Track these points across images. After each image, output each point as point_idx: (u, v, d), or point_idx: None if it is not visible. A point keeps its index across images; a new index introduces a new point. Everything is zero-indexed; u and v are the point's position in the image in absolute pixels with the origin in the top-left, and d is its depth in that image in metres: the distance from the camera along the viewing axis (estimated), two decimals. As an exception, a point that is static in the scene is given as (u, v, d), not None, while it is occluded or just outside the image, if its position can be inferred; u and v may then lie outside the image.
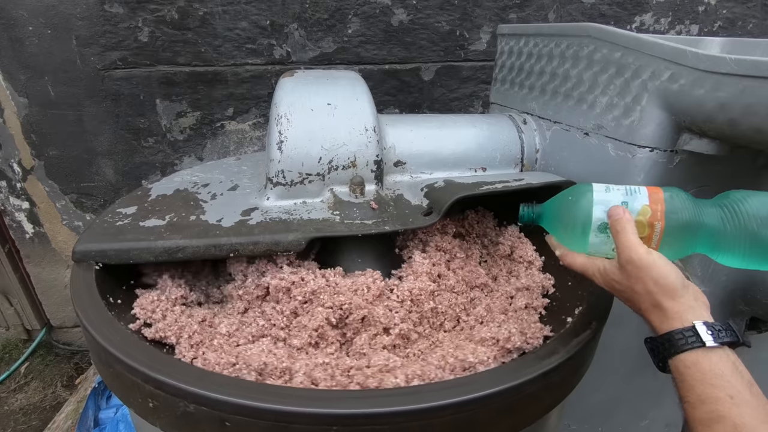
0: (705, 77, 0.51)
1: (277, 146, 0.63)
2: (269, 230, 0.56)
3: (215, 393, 0.38)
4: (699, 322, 0.37)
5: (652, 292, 0.39)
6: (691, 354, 0.36)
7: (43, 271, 1.40)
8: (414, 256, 0.61)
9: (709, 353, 0.36)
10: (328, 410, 0.37)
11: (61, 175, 1.25)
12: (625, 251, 0.41)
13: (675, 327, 0.38)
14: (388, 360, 0.47)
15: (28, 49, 1.11)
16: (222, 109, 1.21)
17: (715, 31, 1.32)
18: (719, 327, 0.37)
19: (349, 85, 0.70)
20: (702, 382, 0.35)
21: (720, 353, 0.36)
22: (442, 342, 0.54)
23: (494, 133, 0.76)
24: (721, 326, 0.37)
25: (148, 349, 0.44)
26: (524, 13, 1.21)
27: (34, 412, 1.31)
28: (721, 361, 0.35)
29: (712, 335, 0.36)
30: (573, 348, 0.45)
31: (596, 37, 0.64)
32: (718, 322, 0.37)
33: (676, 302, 0.39)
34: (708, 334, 0.36)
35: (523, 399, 0.42)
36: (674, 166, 0.61)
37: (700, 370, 0.35)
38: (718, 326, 0.37)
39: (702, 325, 0.37)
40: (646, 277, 0.40)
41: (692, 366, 0.36)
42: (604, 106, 0.65)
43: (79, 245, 0.52)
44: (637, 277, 0.40)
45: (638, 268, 0.40)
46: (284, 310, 0.53)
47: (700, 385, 0.35)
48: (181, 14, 1.10)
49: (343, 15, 1.15)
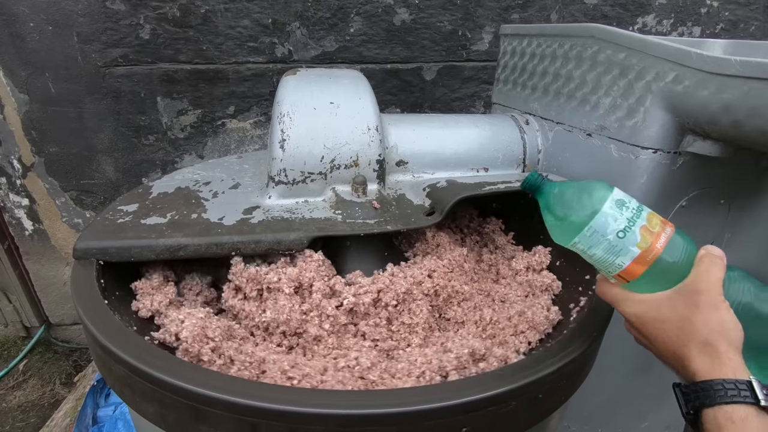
0: (709, 79, 0.51)
1: (279, 145, 0.62)
2: (271, 229, 0.56)
3: (218, 393, 0.37)
4: (755, 379, 0.34)
5: (714, 331, 0.36)
6: (741, 408, 0.34)
7: (43, 269, 1.39)
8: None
9: (760, 414, 0.34)
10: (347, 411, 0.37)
11: (61, 172, 1.25)
12: (707, 280, 0.38)
13: (728, 376, 0.35)
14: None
15: (29, 46, 1.10)
16: (223, 107, 1.21)
17: (717, 33, 1.32)
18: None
19: (352, 84, 0.69)
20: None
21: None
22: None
23: (496, 134, 0.76)
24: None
25: (151, 348, 0.44)
26: (527, 13, 1.21)
27: (33, 410, 1.30)
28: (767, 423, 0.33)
29: (765, 395, 0.34)
30: (575, 351, 0.45)
31: (600, 38, 0.64)
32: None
33: (735, 352, 0.36)
34: (763, 393, 0.34)
35: (524, 401, 0.42)
36: (677, 167, 0.61)
37: (746, 428, 0.33)
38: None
39: (758, 383, 0.34)
40: (714, 315, 0.37)
41: (738, 422, 0.34)
42: (607, 107, 0.64)
43: (81, 242, 0.52)
44: (705, 311, 0.37)
45: (710, 303, 0.37)
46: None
47: None
48: (183, 12, 1.10)
49: (345, 14, 1.14)
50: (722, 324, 0.36)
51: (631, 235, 0.41)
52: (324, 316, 0.52)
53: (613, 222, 0.42)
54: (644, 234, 0.41)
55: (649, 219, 0.42)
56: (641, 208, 0.43)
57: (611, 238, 0.42)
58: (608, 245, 0.42)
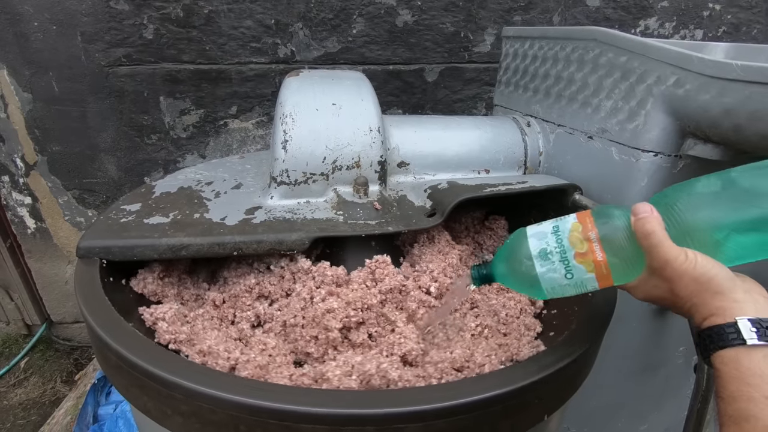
0: (711, 83, 0.51)
1: (281, 145, 0.63)
2: (273, 229, 0.56)
3: (221, 392, 0.38)
4: (743, 318, 0.35)
5: (694, 292, 0.37)
6: (730, 351, 0.34)
7: (44, 267, 1.40)
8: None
9: (751, 352, 0.34)
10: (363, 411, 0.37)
11: (64, 171, 1.26)
12: (658, 256, 0.38)
13: (716, 323, 0.36)
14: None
15: (33, 45, 1.11)
16: (225, 107, 1.21)
17: (719, 36, 1.32)
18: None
19: (354, 86, 0.70)
20: (738, 380, 0.34)
21: (766, 352, 0.33)
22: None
23: (498, 136, 0.76)
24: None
25: (154, 346, 0.44)
26: (529, 15, 1.21)
27: (34, 407, 1.31)
28: (765, 360, 0.33)
29: (758, 333, 0.34)
30: (575, 353, 0.45)
31: (602, 41, 0.64)
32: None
33: (721, 297, 0.36)
34: (752, 332, 0.34)
35: (523, 403, 0.42)
36: (678, 170, 0.61)
37: (738, 368, 0.34)
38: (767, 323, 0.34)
39: (746, 321, 0.34)
40: (685, 277, 0.37)
41: (730, 363, 0.34)
42: (608, 109, 0.65)
43: (84, 241, 0.52)
44: (677, 279, 0.38)
45: (677, 271, 0.38)
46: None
47: (736, 382, 0.34)
48: (187, 12, 1.10)
49: (347, 15, 1.15)
50: (697, 281, 0.37)
51: (575, 270, 0.41)
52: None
53: (554, 273, 0.42)
54: (581, 261, 0.41)
55: (573, 243, 0.41)
56: (560, 238, 0.42)
57: (566, 282, 0.42)
58: (570, 287, 0.43)
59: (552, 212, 0.68)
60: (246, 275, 0.58)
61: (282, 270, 0.57)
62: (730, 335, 0.35)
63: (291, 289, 0.56)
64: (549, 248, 0.42)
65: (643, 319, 0.71)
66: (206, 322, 0.54)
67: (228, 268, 0.59)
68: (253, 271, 0.58)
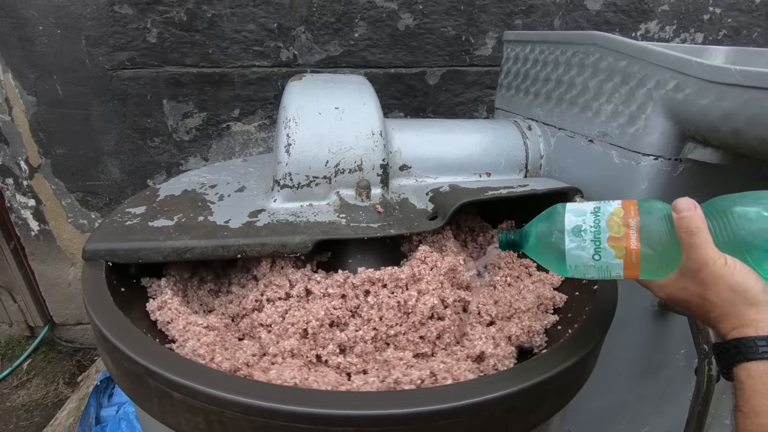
0: (710, 87, 0.52)
1: (284, 149, 0.63)
2: (276, 232, 0.57)
3: (228, 394, 0.38)
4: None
5: (727, 300, 0.36)
6: (760, 364, 0.34)
7: (48, 269, 1.40)
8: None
9: None
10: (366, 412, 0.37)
11: (68, 174, 1.26)
12: (697, 257, 0.37)
13: (747, 334, 0.35)
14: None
15: (37, 49, 1.12)
16: (228, 111, 1.22)
17: (720, 39, 1.32)
18: None
19: (357, 90, 0.70)
20: (762, 395, 0.33)
21: None
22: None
23: (499, 139, 0.77)
24: None
25: (159, 348, 0.45)
26: (530, 19, 1.22)
27: (36, 409, 1.31)
28: None
29: None
30: (576, 355, 0.45)
31: (602, 46, 0.65)
32: None
33: (756, 309, 0.36)
34: None
35: (524, 405, 0.42)
36: (678, 174, 0.61)
37: (765, 382, 0.33)
38: None
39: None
40: (721, 284, 0.36)
41: (757, 377, 0.34)
42: (609, 113, 0.65)
43: (90, 244, 0.53)
44: (712, 284, 0.37)
45: (713, 275, 0.37)
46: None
47: (759, 397, 0.33)
48: (190, 16, 1.11)
49: (349, 19, 1.16)
50: (732, 289, 0.36)
51: (604, 253, 0.41)
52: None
53: (582, 252, 0.42)
54: (614, 245, 0.41)
55: (610, 226, 0.41)
56: (598, 218, 0.42)
57: (592, 263, 0.42)
58: (594, 269, 0.42)
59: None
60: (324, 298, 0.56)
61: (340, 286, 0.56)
62: (761, 348, 0.34)
63: (358, 306, 0.55)
64: (584, 226, 0.42)
65: (645, 322, 0.72)
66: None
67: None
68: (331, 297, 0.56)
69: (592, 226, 0.42)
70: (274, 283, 0.56)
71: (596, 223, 0.42)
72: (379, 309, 0.53)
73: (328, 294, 0.54)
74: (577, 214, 0.43)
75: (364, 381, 0.45)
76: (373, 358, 0.51)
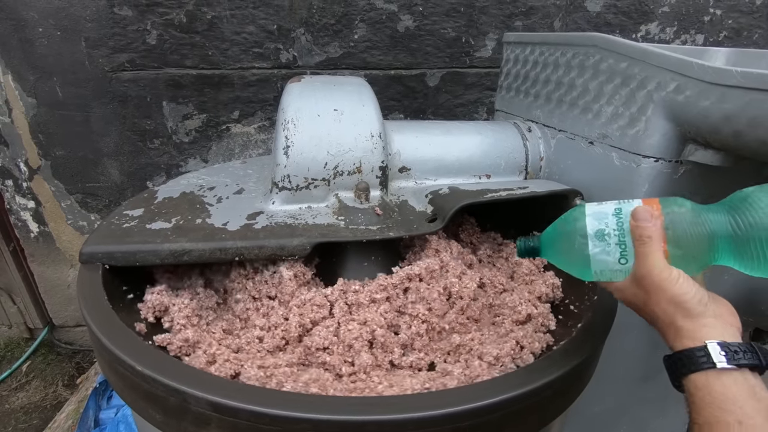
0: (711, 89, 0.51)
1: (283, 151, 0.63)
2: (274, 235, 0.57)
3: (223, 398, 0.38)
4: (712, 342, 0.35)
5: (667, 311, 0.37)
6: (701, 375, 0.34)
7: (47, 270, 1.40)
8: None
9: (721, 376, 0.34)
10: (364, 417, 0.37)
11: (67, 175, 1.26)
12: (645, 265, 0.38)
13: (687, 346, 0.36)
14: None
15: (37, 50, 1.12)
16: (228, 112, 1.22)
17: (720, 41, 1.32)
18: (737, 348, 0.34)
19: (356, 92, 0.70)
20: (711, 405, 0.33)
21: (736, 376, 0.33)
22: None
23: (499, 141, 0.77)
24: (741, 347, 0.34)
25: (155, 352, 0.44)
26: (530, 20, 1.22)
27: (35, 411, 1.31)
28: (736, 384, 0.33)
29: (726, 356, 0.34)
30: (576, 359, 0.45)
31: (602, 47, 0.65)
32: (739, 343, 0.35)
33: (691, 321, 0.36)
34: (721, 355, 0.34)
35: (524, 409, 0.42)
36: (679, 176, 0.61)
37: (710, 393, 0.33)
38: (736, 347, 0.34)
39: (716, 345, 0.34)
40: (662, 295, 0.37)
41: (702, 388, 0.34)
42: (609, 115, 0.65)
43: (87, 247, 0.53)
44: (653, 293, 0.38)
45: (655, 285, 0.37)
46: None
47: (709, 408, 0.33)
48: (189, 18, 1.11)
49: (349, 20, 1.15)
50: (671, 301, 0.37)
51: (630, 256, 0.40)
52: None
53: (606, 256, 0.41)
54: None
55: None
56: (621, 221, 0.41)
57: (618, 268, 0.41)
58: (622, 274, 0.41)
59: (553, 217, 0.68)
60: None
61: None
62: (701, 358, 0.34)
63: (403, 305, 0.56)
64: (607, 229, 0.41)
65: (645, 326, 0.71)
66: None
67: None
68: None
69: (615, 230, 0.40)
70: (312, 302, 0.54)
71: (619, 225, 0.40)
72: (427, 302, 0.55)
73: (375, 300, 0.55)
74: (599, 217, 0.42)
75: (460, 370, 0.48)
76: (431, 349, 0.54)
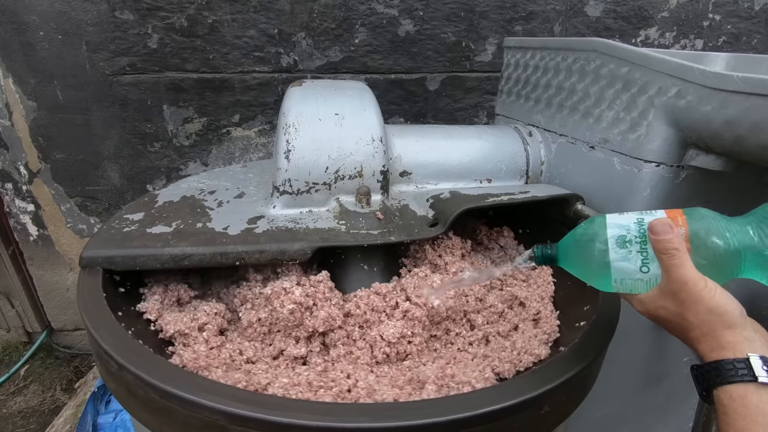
0: (712, 94, 0.51)
1: (284, 155, 0.63)
2: (275, 239, 0.56)
3: (221, 405, 0.37)
4: (755, 356, 0.34)
5: (705, 321, 0.37)
6: (740, 387, 0.34)
7: (46, 274, 1.40)
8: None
9: (759, 389, 0.33)
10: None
11: (67, 179, 1.26)
12: (678, 277, 0.37)
13: (726, 357, 0.35)
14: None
15: (38, 54, 1.12)
16: (228, 116, 1.22)
17: (719, 46, 1.33)
18: None
19: (357, 96, 0.70)
20: (745, 418, 0.33)
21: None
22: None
23: (500, 145, 0.77)
24: None
25: (155, 358, 0.44)
26: (530, 25, 1.22)
27: (33, 416, 1.30)
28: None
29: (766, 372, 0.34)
30: (579, 365, 0.45)
31: (603, 52, 0.65)
32: None
33: (732, 332, 0.36)
34: (763, 370, 0.34)
35: (529, 414, 0.42)
36: (680, 181, 0.61)
37: (746, 405, 0.33)
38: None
39: (758, 359, 0.34)
40: (701, 306, 0.37)
41: (738, 399, 0.34)
42: (610, 120, 0.65)
43: (87, 251, 0.52)
44: (691, 305, 0.37)
45: (694, 296, 0.37)
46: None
47: (743, 420, 0.33)
48: (190, 22, 1.12)
49: (350, 25, 1.16)
50: (711, 311, 0.37)
51: (652, 263, 0.39)
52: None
53: (628, 263, 0.40)
54: None
55: None
56: (643, 228, 0.40)
57: (639, 276, 0.40)
58: (642, 282, 0.40)
59: (554, 222, 0.68)
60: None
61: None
62: (741, 371, 0.34)
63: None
64: (629, 236, 0.40)
65: (647, 331, 0.71)
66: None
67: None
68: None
69: (637, 236, 0.40)
70: (331, 316, 0.53)
71: (641, 233, 0.40)
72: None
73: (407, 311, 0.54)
74: (620, 225, 0.41)
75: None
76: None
